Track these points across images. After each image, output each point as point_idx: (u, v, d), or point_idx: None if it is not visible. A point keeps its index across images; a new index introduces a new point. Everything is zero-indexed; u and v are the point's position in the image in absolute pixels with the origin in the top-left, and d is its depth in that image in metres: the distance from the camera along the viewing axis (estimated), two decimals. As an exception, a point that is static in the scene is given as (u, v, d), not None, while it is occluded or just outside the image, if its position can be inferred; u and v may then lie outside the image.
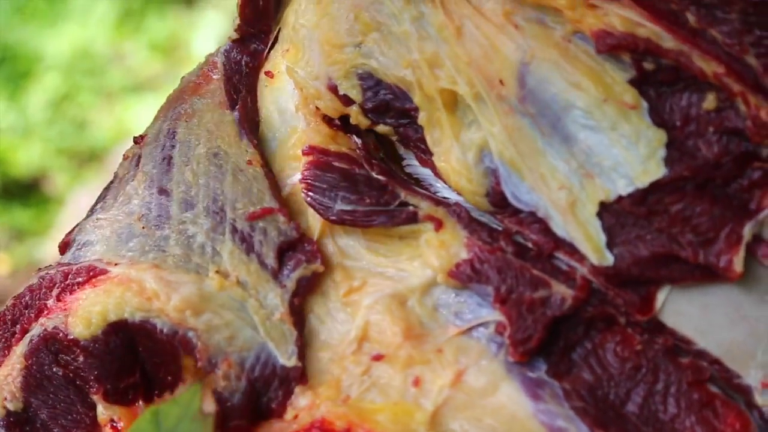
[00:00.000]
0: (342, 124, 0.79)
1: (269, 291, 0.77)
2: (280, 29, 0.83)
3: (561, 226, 0.73)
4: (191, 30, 4.01)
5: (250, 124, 0.81)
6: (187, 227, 0.79)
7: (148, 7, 4.21)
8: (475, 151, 0.74)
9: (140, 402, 0.78)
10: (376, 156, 0.79)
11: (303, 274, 0.77)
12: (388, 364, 0.75)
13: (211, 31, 3.78)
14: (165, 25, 4.14)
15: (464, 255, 0.75)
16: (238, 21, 0.82)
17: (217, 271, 0.77)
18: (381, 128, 0.78)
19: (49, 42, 4.11)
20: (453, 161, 0.75)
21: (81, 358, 0.77)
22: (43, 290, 0.80)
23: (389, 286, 0.77)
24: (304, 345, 0.77)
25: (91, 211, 0.82)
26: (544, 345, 0.73)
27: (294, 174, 0.80)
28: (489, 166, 0.74)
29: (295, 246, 0.78)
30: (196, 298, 0.76)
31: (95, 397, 0.78)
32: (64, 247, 0.82)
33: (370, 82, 0.77)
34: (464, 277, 0.75)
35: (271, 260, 0.77)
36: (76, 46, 4.09)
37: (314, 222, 0.79)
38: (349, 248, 0.78)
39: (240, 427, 0.76)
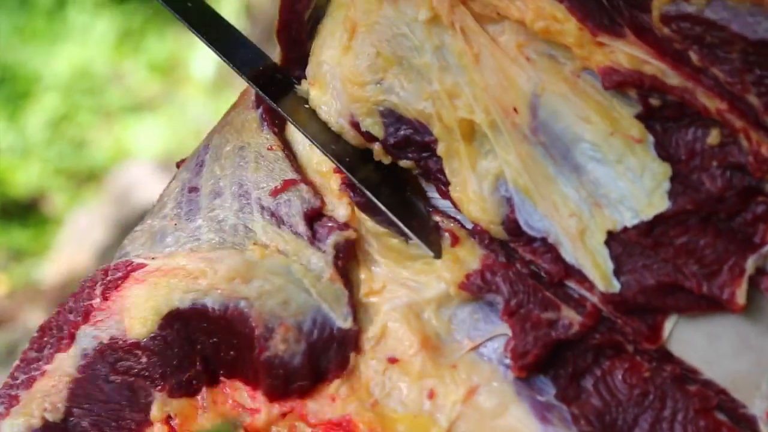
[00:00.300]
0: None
1: (311, 255, 0.78)
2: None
3: (570, 253, 0.75)
4: (190, 50, 4.03)
5: (272, 117, 0.82)
6: (218, 213, 0.80)
7: (147, 28, 4.23)
8: (491, 180, 0.77)
9: (204, 389, 0.79)
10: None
11: (337, 239, 0.79)
12: (403, 372, 0.77)
13: (210, 51, 3.80)
14: (164, 45, 4.17)
15: (476, 266, 0.77)
16: (280, 51, 0.83)
17: (254, 244, 0.78)
18: (404, 163, 0.80)
19: (49, 62, 4.12)
20: (469, 192, 0.77)
21: (144, 359, 0.78)
22: (86, 291, 0.80)
23: (406, 295, 0.78)
24: (356, 306, 0.78)
25: (132, 231, 0.84)
26: (551, 368, 0.75)
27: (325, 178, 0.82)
28: (504, 194, 0.77)
29: (320, 215, 0.79)
30: (243, 266, 0.77)
31: (158, 395, 0.78)
32: (105, 271, 0.83)
33: (392, 118, 0.79)
34: (475, 287, 0.77)
35: (302, 228, 0.79)
36: (75, 66, 4.10)
37: (342, 210, 0.81)
38: (373, 251, 0.80)
39: (302, 387, 0.77)
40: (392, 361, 0.78)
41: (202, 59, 3.83)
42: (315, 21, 0.82)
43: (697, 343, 0.74)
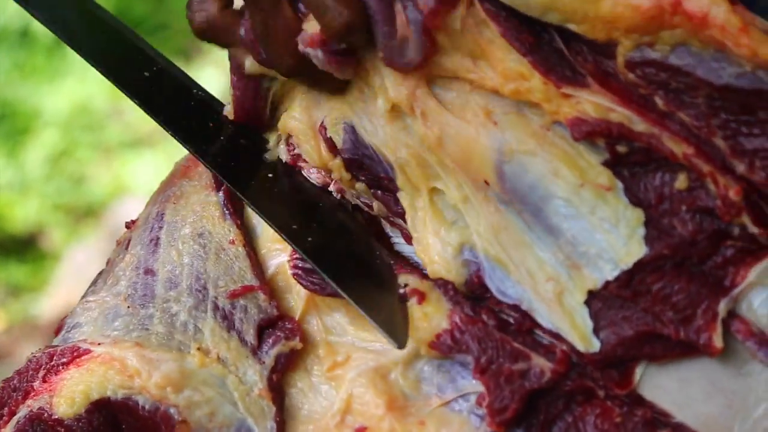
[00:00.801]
0: None
1: (248, 367, 0.79)
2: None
3: (546, 318, 0.75)
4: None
5: (234, 206, 0.83)
6: (171, 305, 0.81)
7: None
8: (456, 247, 0.77)
9: None
10: None
11: (281, 350, 0.79)
12: None
13: (209, 87, 3.82)
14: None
15: (445, 326, 0.77)
16: (231, 110, 0.84)
17: (198, 348, 0.79)
18: (359, 186, 0.80)
19: (48, 98, 4.14)
20: (432, 253, 0.78)
21: None
22: (30, 372, 0.81)
23: (373, 359, 0.79)
24: (283, 421, 0.79)
25: (84, 295, 0.84)
26: (524, 417, 0.75)
27: (279, 255, 0.82)
28: (470, 259, 0.77)
29: (275, 323, 0.80)
30: (177, 375, 0.78)
31: None
32: (57, 331, 0.85)
33: (353, 135, 0.79)
34: (445, 347, 0.77)
35: (250, 337, 0.80)
36: (74, 102, 4.12)
37: (298, 301, 0.81)
38: (334, 324, 0.81)
39: None
40: (360, 430, 0.78)
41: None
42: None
43: (669, 386, 0.74)
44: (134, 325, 0.81)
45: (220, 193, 0.83)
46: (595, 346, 0.74)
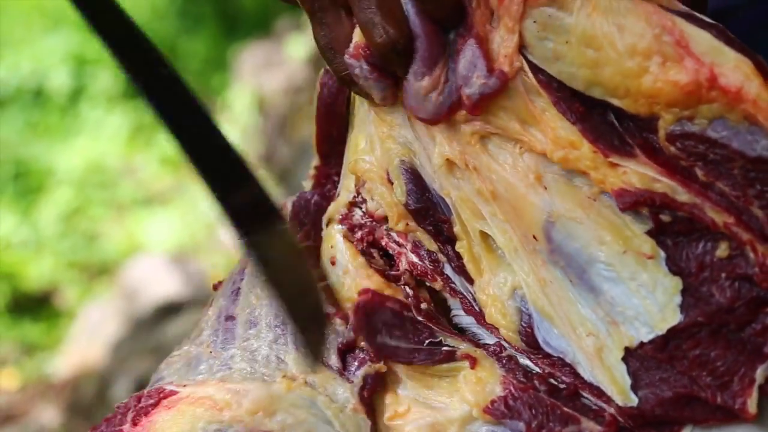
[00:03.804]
0: (392, 279, 0.84)
1: (338, 387, 0.81)
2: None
3: (588, 371, 0.77)
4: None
5: (309, 249, 0.85)
6: (252, 343, 0.82)
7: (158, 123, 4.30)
8: (509, 290, 0.79)
9: None
10: (425, 305, 0.84)
11: (368, 371, 0.81)
12: None
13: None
14: (175, 140, 4.22)
15: (499, 392, 0.79)
16: (316, 161, 0.87)
17: (284, 376, 0.80)
18: (423, 236, 0.82)
19: (62, 157, 4.18)
20: (490, 293, 0.80)
21: None
22: (119, 417, 0.81)
23: (430, 415, 0.80)
24: None
25: (170, 355, 0.86)
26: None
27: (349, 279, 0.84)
28: (520, 307, 0.79)
29: (353, 348, 0.82)
30: (267, 399, 0.79)
31: None
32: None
33: (414, 178, 0.81)
34: (498, 413, 0.79)
35: (334, 361, 0.81)
36: (88, 161, 4.16)
37: None
38: (400, 372, 0.82)
39: None
40: None
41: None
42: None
43: (713, 450, 0.75)
44: (217, 367, 0.82)
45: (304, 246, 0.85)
46: (633, 401, 0.75)
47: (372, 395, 0.81)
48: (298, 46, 3.86)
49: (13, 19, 5.07)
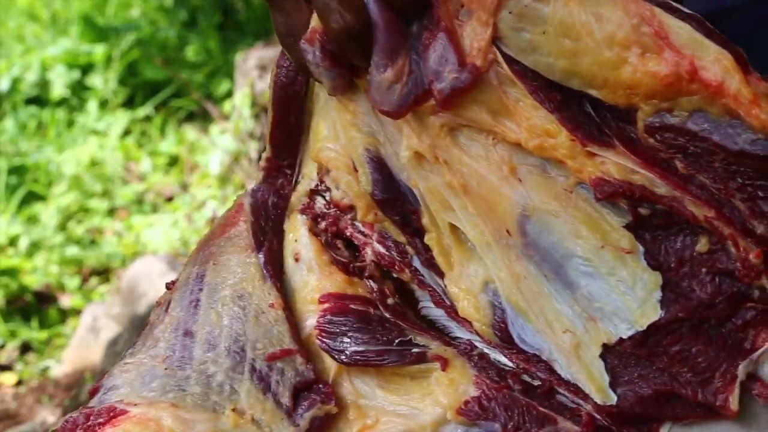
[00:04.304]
0: (357, 271, 0.83)
1: (283, 429, 0.79)
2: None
3: (565, 369, 0.76)
4: (199, 148, 4.09)
5: (274, 267, 0.83)
6: (208, 367, 0.80)
7: (158, 127, 4.31)
8: (480, 283, 0.78)
9: None
10: (391, 300, 0.82)
11: (316, 413, 0.79)
12: None
13: (217, 150, 3.86)
14: (174, 143, 4.23)
15: (473, 392, 0.78)
16: (268, 152, 0.85)
17: (233, 409, 0.79)
18: (390, 227, 0.81)
19: (64, 160, 4.18)
20: (462, 286, 0.78)
21: None
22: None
23: (401, 423, 0.79)
24: None
25: (122, 357, 0.85)
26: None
27: (312, 317, 0.82)
28: (493, 301, 0.78)
29: (310, 387, 0.80)
30: None
31: None
32: (92, 392, 0.84)
33: (381, 168, 0.80)
34: (472, 414, 0.77)
35: (286, 399, 0.79)
36: (88, 161, 4.16)
37: (330, 363, 0.81)
38: (364, 387, 0.81)
39: None
40: None
41: (215, 157, 3.88)
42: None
43: (693, 448, 0.74)
44: (171, 386, 0.80)
45: (261, 255, 0.83)
46: (611, 398, 0.74)
47: None
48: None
49: (13, 19, 5.08)
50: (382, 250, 0.82)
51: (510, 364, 0.79)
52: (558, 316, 0.75)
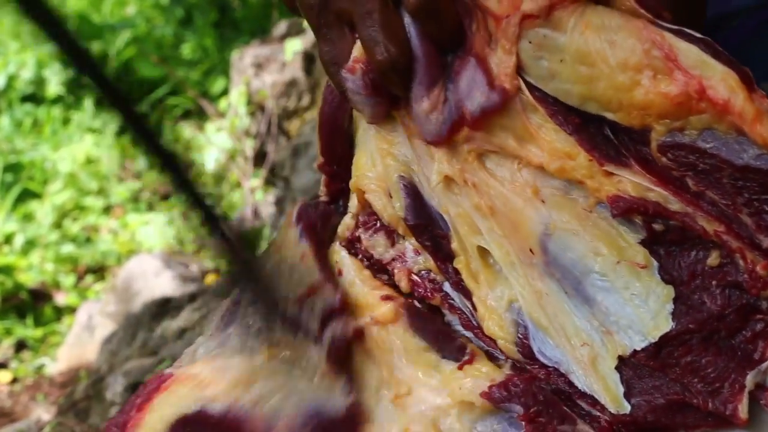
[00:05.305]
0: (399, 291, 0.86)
1: (313, 351, 0.82)
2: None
3: (582, 381, 0.79)
4: (195, 145, 4.09)
5: (309, 234, 0.86)
6: (248, 320, 0.85)
7: (157, 124, 4.31)
8: (506, 302, 0.81)
9: None
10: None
11: (334, 333, 0.83)
12: None
13: (219, 149, 3.87)
14: (173, 141, 4.23)
15: (500, 378, 0.81)
16: (325, 179, 0.88)
17: (268, 346, 0.83)
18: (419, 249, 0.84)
19: (60, 158, 4.18)
20: (488, 306, 0.82)
21: None
22: (128, 404, 0.85)
23: (430, 401, 0.82)
24: (356, 401, 0.82)
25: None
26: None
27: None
28: (517, 319, 0.81)
29: (334, 314, 0.83)
30: (247, 372, 0.82)
31: None
32: None
33: (413, 194, 0.83)
34: (497, 397, 0.80)
35: (315, 326, 0.83)
36: (85, 162, 4.16)
37: (363, 300, 0.85)
38: (398, 360, 0.84)
39: None
40: None
41: (213, 155, 3.89)
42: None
43: (705, 456, 0.77)
44: (213, 346, 0.85)
45: (300, 225, 0.87)
46: (625, 408, 0.77)
47: (341, 356, 0.83)
48: (296, 48, 3.87)
49: (10, 18, 5.07)
50: (415, 278, 0.86)
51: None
52: (577, 330, 0.78)
